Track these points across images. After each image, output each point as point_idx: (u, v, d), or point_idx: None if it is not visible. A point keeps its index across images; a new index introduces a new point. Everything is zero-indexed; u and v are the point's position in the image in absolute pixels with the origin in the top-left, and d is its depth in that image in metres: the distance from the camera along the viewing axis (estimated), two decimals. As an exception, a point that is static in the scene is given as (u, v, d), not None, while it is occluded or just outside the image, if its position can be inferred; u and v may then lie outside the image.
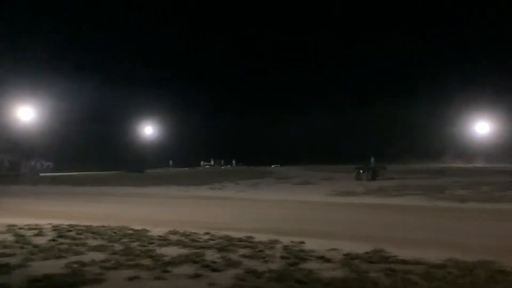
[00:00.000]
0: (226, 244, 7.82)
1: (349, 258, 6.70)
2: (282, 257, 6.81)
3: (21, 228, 9.84)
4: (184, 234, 8.92)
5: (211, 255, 6.96)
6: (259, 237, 8.57)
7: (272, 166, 51.95)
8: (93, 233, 9.10)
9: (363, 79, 75.27)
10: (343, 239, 8.52)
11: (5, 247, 7.71)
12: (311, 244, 7.83)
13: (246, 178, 31.40)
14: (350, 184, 24.96)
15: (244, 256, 6.90)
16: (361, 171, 29.00)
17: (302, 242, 8.00)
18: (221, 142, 74.88)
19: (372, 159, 32.56)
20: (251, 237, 8.51)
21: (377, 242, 8.01)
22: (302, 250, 7.34)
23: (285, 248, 7.56)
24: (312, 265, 6.35)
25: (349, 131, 66.68)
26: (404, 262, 6.46)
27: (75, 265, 6.28)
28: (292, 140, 70.24)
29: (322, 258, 6.74)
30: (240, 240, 8.26)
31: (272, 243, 7.92)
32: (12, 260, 6.63)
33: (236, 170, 49.20)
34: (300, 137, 69.64)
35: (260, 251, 7.28)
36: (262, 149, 70.55)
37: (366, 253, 7.04)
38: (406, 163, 42.22)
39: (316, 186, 25.10)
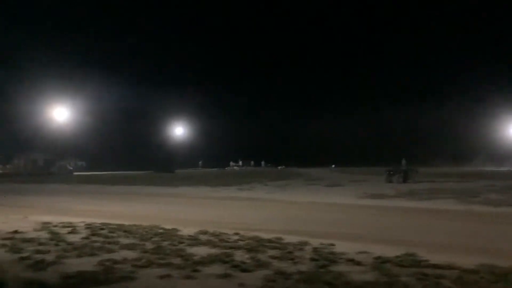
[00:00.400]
0: (255, 245, 7.83)
1: (380, 262, 6.61)
2: (312, 259, 6.77)
3: (55, 226, 10.11)
4: (213, 234, 8.98)
5: (240, 256, 6.98)
6: (288, 238, 8.55)
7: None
8: (125, 231, 9.26)
9: (393, 81, 74.33)
10: (373, 242, 8.41)
11: (40, 244, 7.93)
12: (341, 247, 7.77)
13: (275, 179, 31.39)
14: (380, 186, 24.65)
15: (273, 257, 6.90)
16: (392, 174, 28.60)
17: (332, 245, 7.94)
18: (250, 143, 75.03)
19: (404, 161, 32.10)
20: (280, 239, 8.49)
21: (408, 246, 7.87)
22: (331, 253, 7.29)
23: (315, 250, 7.52)
24: (342, 267, 6.29)
25: (379, 133, 65.93)
26: (436, 266, 6.33)
27: (108, 263, 6.41)
28: (321, 141, 69.87)
29: (352, 261, 6.67)
30: (269, 241, 8.25)
31: (301, 245, 7.89)
32: (47, 257, 6.83)
33: (264, 171, 49.22)
34: (329, 139, 69.22)
35: (289, 252, 7.26)
36: (290, 151, 70.40)
37: (397, 256, 6.93)
38: (437, 166, 41.39)
39: (346, 188, 24.88)
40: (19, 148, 56.70)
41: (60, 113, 57.58)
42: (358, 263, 6.53)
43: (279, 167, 54.62)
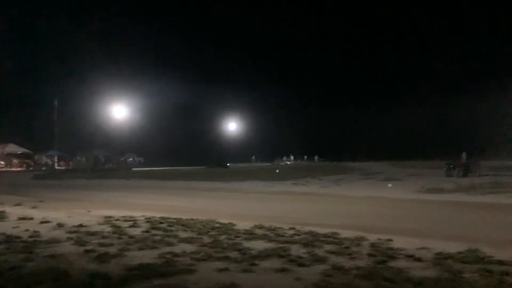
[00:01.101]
0: (311, 240, 7.81)
1: (441, 258, 6.41)
2: (370, 255, 6.67)
3: (117, 220, 10.48)
4: (269, 229, 9.03)
5: (296, 250, 6.98)
6: (345, 233, 8.46)
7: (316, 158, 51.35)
8: (183, 225, 9.47)
9: (449, 72, 71.42)
10: (433, 238, 8.18)
11: (104, 237, 8.24)
12: (399, 242, 7.60)
13: (329, 173, 31.09)
14: (439, 180, 23.86)
15: (330, 252, 6.85)
16: (452, 167, 27.63)
17: (390, 240, 7.78)
18: (303, 138, 74.61)
19: (464, 154, 30.93)
20: (336, 233, 8.42)
21: (470, 241, 7.60)
22: (390, 248, 7.14)
23: (372, 245, 7.40)
24: (401, 263, 6.16)
25: (437, 125, 63.71)
26: (501, 263, 6.08)
27: (168, 256, 6.58)
28: (375, 135, 68.42)
29: (412, 257, 6.50)
30: (325, 236, 8.20)
31: (358, 240, 7.79)
32: (110, 250, 7.09)
33: (319, 165, 48.90)
34: (384, 132, 67.66)
35: (347, 247, 7.18)
36: (344, 145, 69.43)
37: (459, 252, 6.70)
38: (499, 159, 39.52)
39: (403, 182, 24.27)
40: (81, 145, 59.27)
41: (119, 111, 59.64)
42: (418, 259, 6.36)
43: (333, 162, 54.07)
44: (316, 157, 71.45)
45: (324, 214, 12.36)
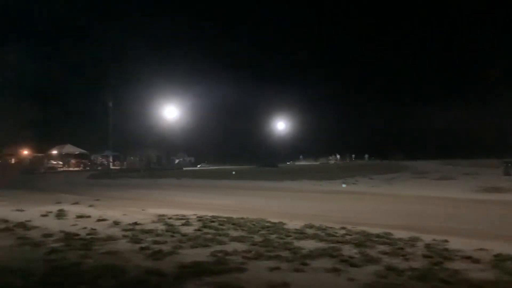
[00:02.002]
0: (364, 240, 7.68)
1: (501, 260, 6.15)
2: (425, 256, 6.49)
3: (170, 218, 10.70)
4: (320, 228, 8.96)
5: (348, 250, 6.89)
6: (398, 233, 8.27)
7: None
8: (233, 224, 9.56)
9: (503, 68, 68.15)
10: (491, 239, 7.86)
11: (158, 235, 8.44)
12: (455, 243, 7.35)
13: (380, 172, 30.55)
14: (497, 179, 22.91)
15: (383, 252, 6.72)
16: (511, 166, 26.44)
17: (446, 241, 7.54)
18: (352, 137, 73.55)
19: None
20: (389, 234, 8.24)
21: (533, 243, 7.27)
22: (446, 249, 6.92)
23: (427, 246, 7.20)
24: (458, 265, 5.96)
25: (492, 123, 61.06)
26: None
27: (220, 254, 6.67)
28: (428, 133, 66.46)
29: (469, 258, 6.28)
30: (377, 236, 8.05)
31: (412, 241, 7.59)
32: (164, 247, 7.25)
33: (369, 164, 48.10)
34: (437, 130, 65.60)
35: (400, 248, 7.02)
36: (394, 144, 67.86)
37: (520, 254, 6.42)
38: None
39: (458, 181, 23.47)
40: (134, 145, 61.01)
41: (171, 112, 60.93)
42: (476, 261, 6.14)
43: (383, 161, 53.04)
44: (365, 156, 70.34)
45: (376, 213, 12.13)
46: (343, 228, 8.96)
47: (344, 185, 20.47)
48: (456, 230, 8.99)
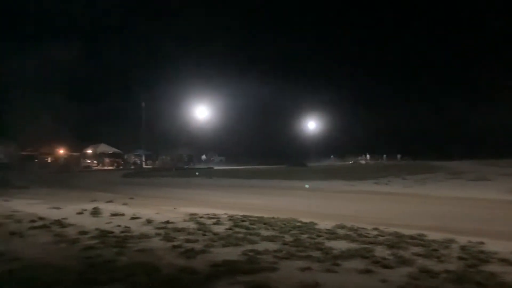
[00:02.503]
0: (397, 241, 7.57)
1: (540, 263, 5.99)
2: (460, 258, 6.36)
3: (201, 217, 10.80)
4: (351, 229, 8.88)
5: (381, 251, 6.81)
6: (432, 235, 8.12)
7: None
8: (264, 223, 9.57)
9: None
10: (530, 242, 7.64)
11: (189, 233, 8.53)
12: (492, 245, 7.17)
13: (413, 173, 30.01)
14: (536, 180, 22.21)
15: (417, 254, 6.61)
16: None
17: (482, 243, 7.36)
18: (384, 136, 72.54)
19: None
20: (423, 235, 8.10)
21: None
22: (481, 251, 6.76)
23: (462, 248, 7.05)
24: (495, 267, 5.81)
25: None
26: None
27: (251, 253, 6.69)
28: (464, 133, 64.90)
29: (506, 261, 6.13)
30: (411, 237, 7.92)
31: (447, 242, 7.44)
32: (196, 246, 7.33)
33: (401, 164, 47.36)
34: (473, 129, 63.96)
35: (434, 250, 6.89)
36: (427, 144, 66.56)
37: (561, 258, 6.21)
38: None
39: (494, 182, 22.82)
40: (166, 145, 61.90)
41: (202, 112, 61.56)
42: (514, 264, 5.98)
43: (416, 161, 52.12)
44: (398, 156, 69.29)
45: (409, 214, 11.94)
46: (375, 229, 8.85)
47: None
48: (492, 232, 8.76)
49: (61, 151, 56.94)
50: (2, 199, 16.07)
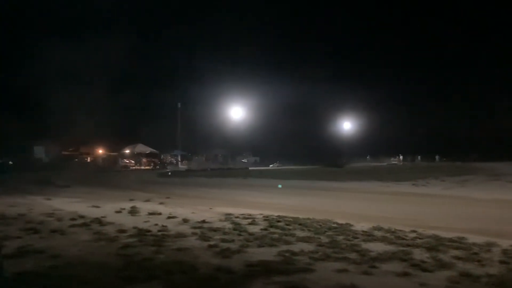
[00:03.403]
0: (435, 244, 7.42)
1: None
2: (502, 262, 6.19)
3: (237, 217, 10.86)
4: (389, 231, 8.75)
5: (419, 254, 6.69)
6: (472, 238, 7.92)
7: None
8: (300, 224, 9.54)
9: None
10: None
11: (225, 233, 8.60)
12: (536, 250, 6.94)
13: (452, 174, 29.27)
14: None
15: (457, 257, 6.46)
16: None
17: (525, 247, 7.14)
18: (422, 137, 70.97)
19: None
20: (463, 238, 7.91)
21: None
22: (525, 256, 6.56)
23: (504, 252, 6.84)
24: (539, 273, 5.62)
25: None
26: None
27: (287, 254, 6.69)
28: (505, 133, 62.77)
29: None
30: (450, 240, 7.75)
31: (488, 246, 7.24)
32: (232, 246, 7.38)
33: (440, 166, 46.34)
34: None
35: (475, 253, 6.72)
36: (467, 144, 64.71)
37: None
38: None
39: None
40: (202, 145, 62.57)
41: (236, 112, 61.93)
42: (559, 269, 5.77)
43: (456, 162, 50.84)
44: (436, 157, 67.78)
45: (448, 217, 11.66)
46: (413, 231, 8.69)
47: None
48: (537, 236, 8.46)
49: (100, 151, 58.33)
50: (44, 198, 16.60)
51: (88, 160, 56.51)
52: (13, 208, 12.81)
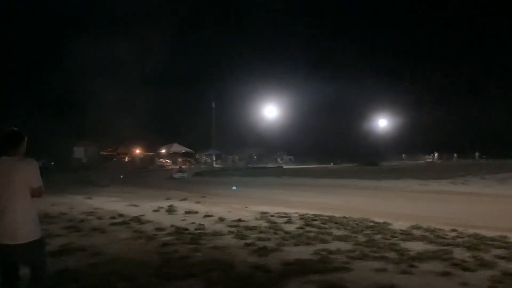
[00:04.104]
0: (477, 243, 7.23)
1: None
2: (547, 262, 5.98)
3: (272, 216, 10.88)
4: (428, 230, 8.58)
5: (460, 254, 6.53)
6: (515, 237, 7.69)
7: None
8: (336, 223, 9.48)
9: None
10: None
11: (261, 232, 8.62)
12: None
13: (493, 172, 28.45)
14: None
15: (499, 257, 6.28)
16: None
17: None
18: (457, 135, 69.17)
19: None
20: (505, 237, 7.67)
21: None
22: None
23: (550, 251, 6.62)
24: None
25: None
26: None
27: (323, 253, 6.66)
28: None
29: None
30: (492, 239, 7.53)
31: (532, 245, 7.02)
32: (268, 244, 7.40)
33: (480, 163, 45.11)
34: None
35: (518, 252, 6.52)
36: (509, 141, 62.68)
37: None
38: None
39: None
40: (236, 144, 62.89)
41: (270, 111, 61.97)
42: None
43: (497, 159, 49.37)
44: (476, 154, 66.04)
45: (490, 215, 11.34)
46: (453, 230, 8.50)
47: (234, 187, 17.63)
48: None
49: (137, 151, 59.46)
50: (84, 197, 17.06)
51: (126, 160, 57.67)
52: (55, 207, 13.20)
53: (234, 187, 17.95)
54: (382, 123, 74.15)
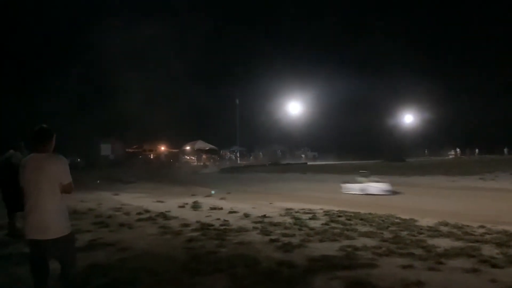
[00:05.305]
0: (506, 240, 7.10)
1: None
2: None
3: (297, 212, 10.88)
4: (455, 226, 8.45)
5: (488, 250, 6.43)
6: (546, 234, 7.51)
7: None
8: (361, 219, 9.42)
9: None
10: None
11: (286, 228, 8.65)
12: None
13: (523, 168, 27.74)
14: None
15: (529, 254, 6.16)
16: None
17: None
18: (488, 129, 67.60)
19: None
20: (535, 234, 7.52)
21: None
22: None
23: None
24: None
25: None
26: None
27: (349, 249, 6.64)
28: None
29: None
30: (522, 236, 7.39)
31: None
32: (293, 240, 7.42)
33: (509, 159, 44.09)
34: None
35: (549, 250, 6.38)
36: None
37: None
38: None
39: None
40: (260, 141, 62.99)
41: (294, 107, 61.84)
42: None
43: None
44: (505, 150, 64.52)
45: (519, 212, 11.09)
46: (481, 226, 8.36)
47: (213, 192, 16.80)
48: None
49: (163, 148, 60.03)
50: (111, 193, 17.36)
51: (151, 157, 58.28)
52: (84, 203, 13.48)
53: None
54: (408, 118, 73.18)
